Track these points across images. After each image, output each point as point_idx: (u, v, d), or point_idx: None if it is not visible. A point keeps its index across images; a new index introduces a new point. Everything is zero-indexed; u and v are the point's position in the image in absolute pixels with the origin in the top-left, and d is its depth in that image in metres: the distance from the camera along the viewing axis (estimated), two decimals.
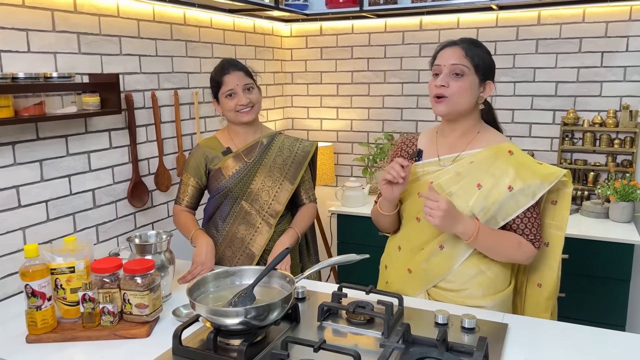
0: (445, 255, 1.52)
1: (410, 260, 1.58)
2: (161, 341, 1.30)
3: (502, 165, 1.48)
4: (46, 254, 1.39)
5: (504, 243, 1.47)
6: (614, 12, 2.67)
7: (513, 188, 1.45)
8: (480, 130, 1.56)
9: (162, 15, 2.38)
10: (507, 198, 1.45)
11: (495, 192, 1.46)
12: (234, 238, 1.89)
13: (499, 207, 1.46)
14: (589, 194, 2.78)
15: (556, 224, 1.55)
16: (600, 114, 2.75)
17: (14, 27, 1.75)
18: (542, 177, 1.45)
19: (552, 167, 1.49)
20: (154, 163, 2.38)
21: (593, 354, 1.24)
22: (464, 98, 1.48)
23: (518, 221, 1.48)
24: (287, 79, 3.52)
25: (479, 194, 1.47)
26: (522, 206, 1.46)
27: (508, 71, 2.92)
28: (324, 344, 1.11)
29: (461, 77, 1.47)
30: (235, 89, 1.82)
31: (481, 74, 1.49)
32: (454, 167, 1.53)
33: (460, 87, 1.47)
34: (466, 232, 1.42)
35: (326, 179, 3.25)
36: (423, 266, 1.55)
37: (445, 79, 1.48)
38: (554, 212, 1.55)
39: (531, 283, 1.62)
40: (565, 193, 1.51)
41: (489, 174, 1.48)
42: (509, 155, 1.50)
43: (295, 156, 1.94)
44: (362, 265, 1.70)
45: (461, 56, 1.48)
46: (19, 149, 1.78)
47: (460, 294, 1.52)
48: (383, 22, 3.17)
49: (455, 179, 1.51)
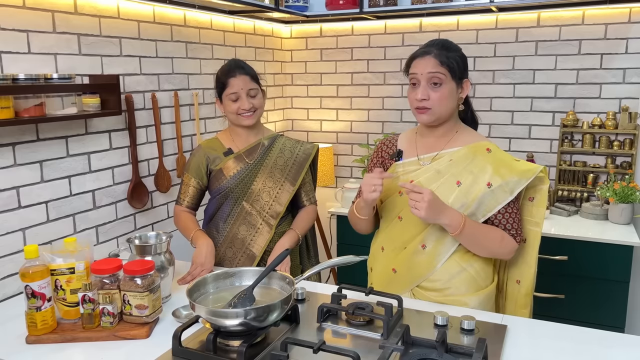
0: (428, 254, 1.54)
1: (394, 260, 1.60)
2: (161, 342, 1.30)
3: (481, 163, 1.51)
4: (46, 255, 1.39)
5: (488, 237, 1.49)
6: (614, 14, 2.67)
7: (492, 185, 1.48)
8: (458, 130, 1.59)
9: (162, 17, 2.38)
10: (486, 194, 1.48)
11: (475, 188, 1.49)
12: (234, 239, 1.90)
13: (478, 204, 1.49)
14: (589, 195, 2.78)
15: (534, 221, 1.58)
16: (599, 115, 2.76)
17: (14, 28, 1.75)
18: (520, 173, 1.49)
19: (529, 163, 1.52)
20: (154, 164, 2.38)
21: (592, 355, 1.24)
22: (445, 106, 1.51)
23: (500, 217, 1.51)
24: (287, 80, 3.53)
25: (459, 190, 1.50)
26: (501, 202, 1.49)
27: (508, 73, 2.93)
28: (324, 345, 1.11)
29: (439, 86, 1.49)
30: (240, 92, 1.82)
31: (457, 77, 1.51)
32: (433, 166, 1.55)
33: (440, 97, 1.49)
34: (452, 223, 1.43)
35: (326, 180, 3.25)
36: (408, 266, 1.57)
37: (425, 92, 1.50)
38: (532, 209, 1.58)
39: (511, 280, 1.65)
40: (542, 189, 1.55)
41: (467, 171, 1.51)
42: (487, 152, 1.53)
43: (297, 158, 1.95)
44: (362, 267, 1.70)
45: (436, 65, 1.49)
46: (19, 149, 1.78)
47: (444, 293, 1.54)
48: (383, 23, 3.18)
49: (435, 177, 1.54)
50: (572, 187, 2.80)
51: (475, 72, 2.98)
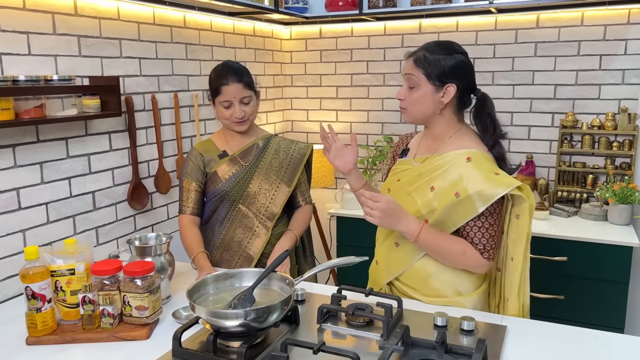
0: (401, 252, 1.57)
1: (378, 252, 1.69)
2: (161, 343, 1.31)
3: (456, 171, 1.47)
4: (46, 256, 1.39)
5: (448, 248, 1.48)
6: (613, 15, 2.68)
7: (459, 195, 1.43)
8: (452, 135, 1.55)
9: (162, 18, 2.39)
10: (454, 204, 1.44)
11: (444, 196, 1.47)
12: (230, 242, 1.89)
13: (447, 212, 1.46)
14: (588, 196, 2.78)
15: (518, 238, 1.48)
16: (599, 116, 2.76)
17: (14, 30, 1.75)
18: (493, 187, 1.40)
19: (508, 178, 1.43)
20: (154, 165, 2.38)
21: (592, 356, 1.24)
22: (419, 108, 1.52)
23: (468, 229, 1.48)
24: (286, 81, 3.53)
25: (432, 195, 1.49)
26: (470, 215, 1.44)
27: (507, 74, 2.93)
28: (324, 346, 1.11)
29: (414, 88, 1.51)
30: (232, 101, 1.80)
31: (436, 80, 1.48)
32: (418, 168, 1.57)
33: (413, 98, 1.52)
34: (408, 231, 1.46)
35: (325, 181, 3.25)
36: (385, 259, 1.62)
37: (402, 92, 1.54)
38: (516, 226, 1.48)
39: (500, 297, 1.59)
40: (523, 207, 1.44)
41: (442, 178, 1.49)
42: (466, 162, 1.47)
43: (292, 159, 1.95)
44: (362, 268, 1.70)
45: (411, 67, 1.51)
46: (19, 151, 1.78)
47: (420, 292, 1.55)
48: (382, 25, 3.18)
49: (415, 179, 1.55)
50: (572, 188, 2.81)
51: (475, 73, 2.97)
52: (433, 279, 1.53)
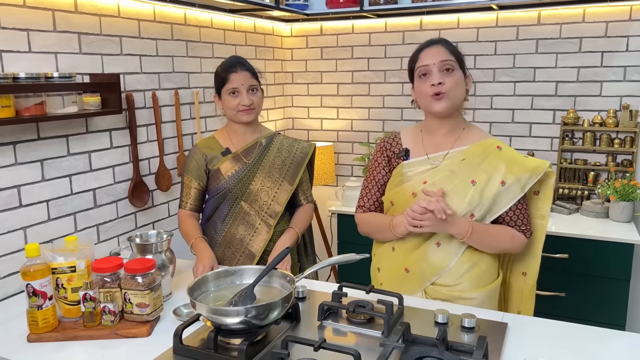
0: (443, 252, 1.55)
1: (406, 260, 1.60)
2: (162, 340, 1.31)
3: (494, 161, 1.53)
4: (47, 254, 1.40)
5: (498, 238, 1.53)
6: (614, 12, 2.67)
7: (506, 182, 1.51)
8: (465, 127, 1.61)
9: (162, 16, 2.38)
10: (500, 192, 1.51)
11: (490, 187, 1.51)
12: (232, 239, 1.89)
13: (492, 202, 1.51)
14: (589, 193, 2.78)
15: (540, 214, 1.61)
16: (600, 113, 2.75)
17: (15, 27, 1.75)
18: (531, 170, 1.52)
19: (536, 159, 1.56)
20: (155, 163, 2.38)
21: (593, 353, 1.24)
22: (459, 92, 1.54)
23: (511, 213, 1.54)
24: (287, 78, 3.52)
25: (474, 190, 1.51)
26: (513, 199, 1.52)
27: (508, 71, 2.92)
28: (324, 343, 1.11)
29: (452, 72, 1.52)
30: (240, 88, 1.82)
31: (464, 68, 1.57)
32: (447, 165, 1.55)
33: (454, 81, 1.52)
34: (460, 231, 1.48)
35: (326, 179, 3.25)
36: (422, 265, 1.56)
37: (440, 77, 1.51)
38: (537, 202, 1.61)
39: (515, 272, 1.68)
40: (548, 183, 1.58)
41: (481, 170, 1.52)
42: (498, 151, 1.55)
43: (294, 157, 1.95)
44: (362, 265, 1.70)
45: (447, 53, 1.53)
46: (20, 148, 1.78)
47: (455, 289, 1.55)
48: (383, 22, 3.18)
49: (450, 177, 1.54)
50: (573, 185, 2.80)
51: (476, 70, 2.97)
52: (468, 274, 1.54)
